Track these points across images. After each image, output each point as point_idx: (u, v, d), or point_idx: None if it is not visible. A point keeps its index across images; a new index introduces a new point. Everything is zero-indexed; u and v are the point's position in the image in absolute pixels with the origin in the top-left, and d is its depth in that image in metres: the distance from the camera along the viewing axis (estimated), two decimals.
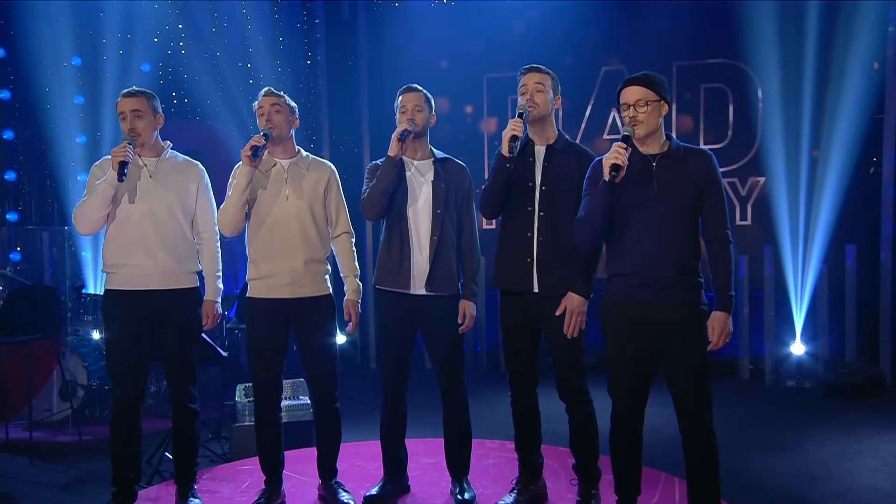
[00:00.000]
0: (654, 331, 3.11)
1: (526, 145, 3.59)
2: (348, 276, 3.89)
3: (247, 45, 8.61)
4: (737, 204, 7.44)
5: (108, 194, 3.59)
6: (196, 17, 8.63)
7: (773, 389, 6.73)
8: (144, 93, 3.71)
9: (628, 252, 3.13)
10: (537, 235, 3.51)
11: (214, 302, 3.86)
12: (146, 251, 3.67)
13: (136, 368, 3.70)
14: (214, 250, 3.88)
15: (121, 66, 8.21)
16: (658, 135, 3.16)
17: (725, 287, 3.10)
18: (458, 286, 3.75)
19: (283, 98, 3.71)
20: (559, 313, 3.46)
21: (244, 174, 3.57)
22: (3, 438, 5.14)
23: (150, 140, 3.71)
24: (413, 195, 3.70)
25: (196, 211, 3.83)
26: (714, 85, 7.46)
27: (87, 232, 3.71)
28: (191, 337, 3.83)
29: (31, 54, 7.89)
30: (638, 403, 3.22)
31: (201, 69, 8.49)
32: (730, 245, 3.14)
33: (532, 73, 3.54)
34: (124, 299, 3.69)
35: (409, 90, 3.73)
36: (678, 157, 3.14)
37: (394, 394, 3.79)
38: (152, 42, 8.47)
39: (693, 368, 3.09)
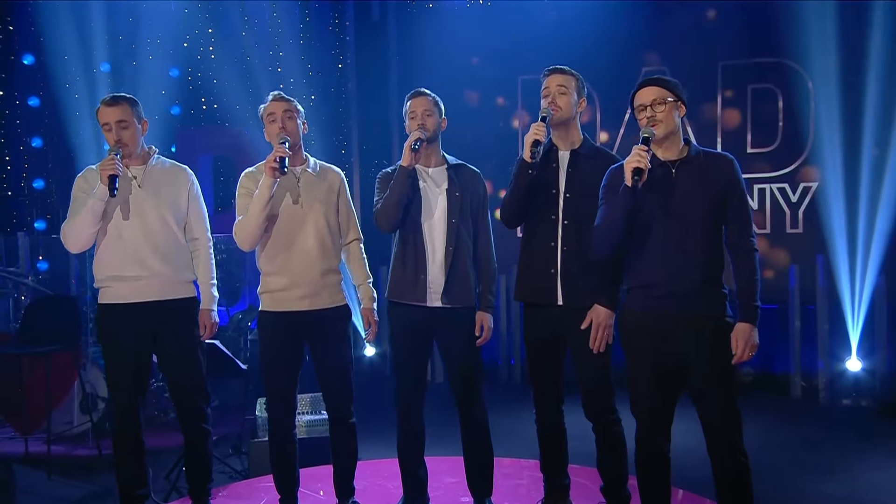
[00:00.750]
0: (676, 345, 3.05)
1: (549, 150, 3.54)
2: (362, 283, 3.87)
3: (277, 48, 8.70)
4: (787, 211, 7.27)
5: (98, 210, 3.56)
6: (226, 20, 8.74)
7: (826, 408, 6.54)
8: (127, 99, 3.68)
9: (649, 263, 3.09)
10: (561, 245, 3.46)
11: (210, 311, 3.83)
12: (141, 262, 3.65)
13: (136, 383, 3.71)
14: (208, 256, 3.86)
15: (150, 71, 8.33)
16: (677, 139, 3.11)
17: (750, 297, 3.03)
18: (474, 297, 3.71)
19: (293, 102, 3.68)
20: (585, 327, 3.40)
21: (268, 186, 3.52)
22: (22, 452, 5.21)
23: (136, 149, 3.69)
24: (427, 204, 3.67)
25: (188, 217, 3.81)
26: (762, 85, 7.31)
27: (77, 249, 3.69)
28: (195, 349, 3.80)
29: (61, 60, 8.05)
30: (663, 422, 3.15)
31: (231, 74, 8.58)
32: (754, 253, 3.08)
33: (555, 74, 3.49)
34: (121, 313, 3.68)
35: (417, 94, 3.70)
36: (698, 162, 3.10)
37: (409, 410, 3.75)
38: (182, 46, 8.60)
39: (719, 384, 3.02)
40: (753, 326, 3.02)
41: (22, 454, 5.19)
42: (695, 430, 3.11)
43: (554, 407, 3.62)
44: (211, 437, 3.89)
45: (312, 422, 4.92)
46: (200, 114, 8.86)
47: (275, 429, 3.76)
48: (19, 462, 5.04)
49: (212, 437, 3.90)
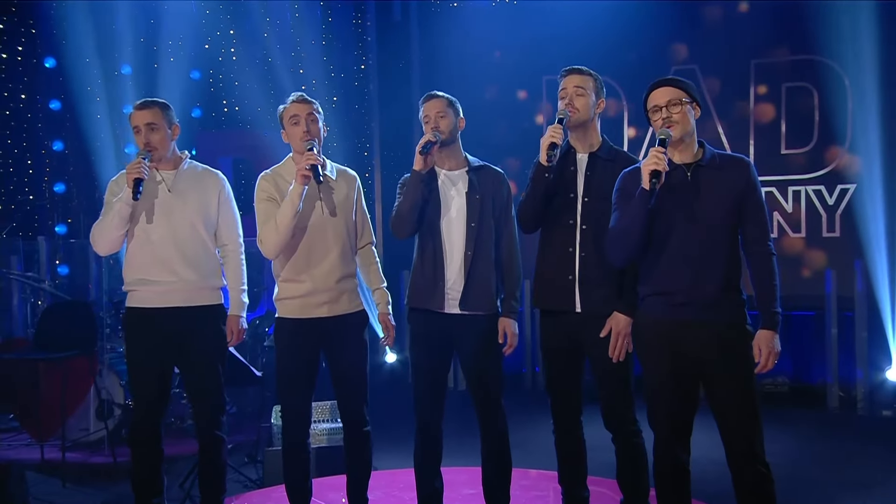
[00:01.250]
0: (694, 353, 3.01)
1: (567, 153, 3.51)
2: (377, 287, 3.86)
3: (299, 48, 8.75)
4: (823, 213, 7.14)
5: (124, 213, 3.61)
6: (247, 21, 8.80)
7: (864, 420, 6.42)
8: (158, 103, 3.73)
9: (667, 269, 3.05)
10: (579, 250, 3.42)
11: (239, 317, 3.86)
12: (168, 267, 3.69)
13: (157, 389, 3.73)
14: (239, 263, 3.88)
15: (171, 73, 8.41)
16: (692, 141, 3.09)
17: (771, 303, 3.01)
18: (496, 304, 3.67)
19: (315, 105, 3.67)
20: (604, 335, 3.35)
21: (298, 194, 3.50)
22: (38, 459, 5.27)
23: (166, 153, 3.72)
24: (446, 208, 3.64)
25: (218, 222, 3.83)
26: (797, 83, 7.18)
27: (106, 252, 3.75)
28: (217, 357, 3.81)
29: (82, 63, 8.16)
30: (681, 433, 3.10)
31: (252, 76, 8.65)
32: (773, 258, 3.05)
33: (572, 74, 3.46)
34: (146, 317, 3.72)
35: (430, 97, 3.67)
36: (714, 165, 3.08)
37: (428, 419, 3.71)
38: (203, 48, 8.67)
39: (739, 394, 2.99)
40: (775, 333, 2.99)
41: (38, 461, 5.25)
42: (715, 440, 3.07)
43: (572, 418, 3.57)
44: (226, 445, 3.90)
45: (332, 430, 4.93)
46: (221, 116, 8.94)
47: (288, 437, 3.75)
48: (34, 469, 5.10)
49: (227, 446, 3.91)
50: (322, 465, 4.74)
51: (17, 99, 8.25)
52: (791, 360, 7.13)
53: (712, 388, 3.03)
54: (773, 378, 7.00)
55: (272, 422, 4.95)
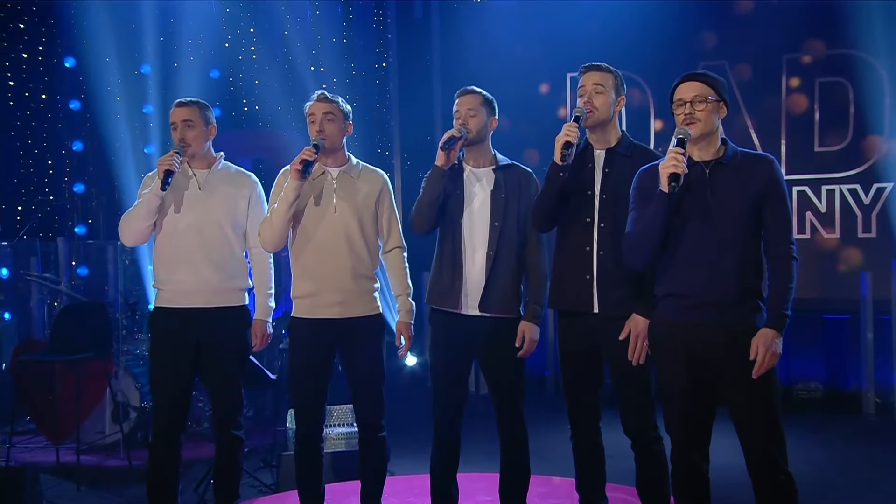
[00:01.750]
0: (709, 357, 2.98)
1: (585, 150, 3.48)
2: (400, 295, 3.84)
3: (319, 46, 8.77)
4: (858, 213, 7.02)
5: (152, 204, 3.68)
6: (268, 19, 8.84)
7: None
8: (197, 103, 3.80)
9: (681, 270, 3.02)
10: (597, 249, 3.38)
11: (265, 322, 3.88)
12: (191, 266, 3.73)
13: (177, 391, 3.76)
14: (267, 267, 3.89)
15: (191, 72, 8.47)
16: (713, 139, 3.05)
17: (779, 304, 2.94)
18: (518, 308, 3.64)
19: (336, 104, 3.66)
20: (623, 337, 3.30)
21: (292, 188, 3.55)
22: (53, 462, 5.32)
23: (200, 150, 3.78)
24: (469, 205, 3.63)
25: (248, 224, 3.86)
26: (831, 79, 7.07)
27: (132, 243, 3.83)
28: (237, 359, 3.85)
29: (102, 63, 8.24)
30: (699, 439, 3.06)
31: (272, 75, 8.69)
32: (793, 262, 2.99)
33: (591, 72, 3.42)
34: (169, 317, 3.77)
35: (464, 93, 3.67)
36: (735, 163, 3.03)
37: (446, 423, 3.69)
38: (223, 47, 8.72)
39: (757, 400, 2.94)
40: (778, 334, 2.92)
41: (53, 464, 5.30)
42: (736, 446, 3.02)
43: (590, 423, 3.52)
44: (242, 447, 3.92)
45: (350, 434, 4.94)
46: (242, 116, 8.99)
47: (300, 440, 3.75)
48: (49, 472, 5.15)
49: (243, 448, 3.93)
50: (340, 469, 4.74)
51: (37, 99, 8.35)
52: (825, 365, 7.01)
53: (729, 394, 2.99)
54: (806, 383, 6.90)
55: (287, 425, 4.96)
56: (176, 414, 3.77)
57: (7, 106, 8.20)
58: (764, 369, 2.90)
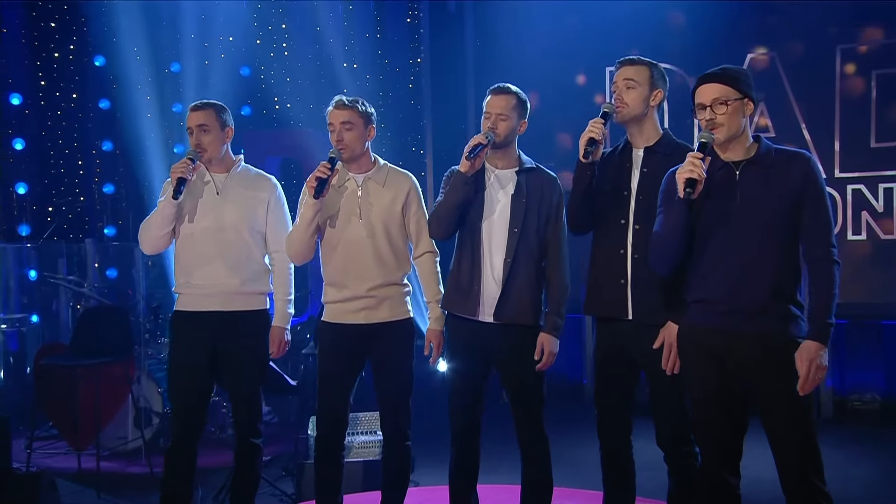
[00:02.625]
0: (739, 367, 2.91)
1: (623, 148, 3.44)
2: (430, 301, 3.83)
3: (352, 42, 8.78)
4: None
5: (167, 212, 3.72)
6: (299, 15, 8.87)
7: None
8: (213, 105, 3.82)
9: (709, 275, 2.97)
10: (632, 252, 3.32)
11: (283, 329, 3.89)
12: (208, 270, 3.77)
13: (194, 396, 3.80)
14: (286, 272, 3.90)
15: (222, 70, 8.55)
16: (743, 138, 2.97)
17: (821, 313, 2.85)
18: (535, 317, 3.60)
19: (356, 110, 3.64)
20: (657, 346, 3.24)
21: (310, 206, 3.57)
22: (74, 468, 5.38)
23: (217, 154, 3.81)
24: (489, 209, 3.61)
25: (267, 228, 3.88)
26: (888, 70, 6.85)
27: (150, 251, 3.89)
28: (256, 365, 3.88)
29: (132, 61, 8.35)
30: (729, 454, 2.99)
31: (304, 72, 8.72)
32: (833, 266, 2.89)
33: (625, 66, 3.38)
34: (187, 321, 3.83)
35: (498, 91, 3.62)
36: (767, 162, 2.94)
37: (463, 431, 3.68)
38: (255, 44, 8.78)
39: (790, 415, 2.86)
40: (822, 346, 2.83)
41: (75, 470, 5.36)
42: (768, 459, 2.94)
43: (620, 435, 3.46)
44: (261, 455, 3.96)
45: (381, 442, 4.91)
46: (273, 114, 9.03)
47: (319, 444, 3.77)
48: (71, 478, 5.21)
49: (262, 456, 3.97)
50: (370, 479, 4.72)
51: (68, 98, 8.48)
52: (884, 375, 6.81)
53: (762, 406, 2.92)
54: (861, 394, 6.72)
55: (309, 433, 4.95)
56: (192, 419, 3.80)
57: (38, 106, 8.34)
58: (810, 386, 2.82)
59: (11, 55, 8.16)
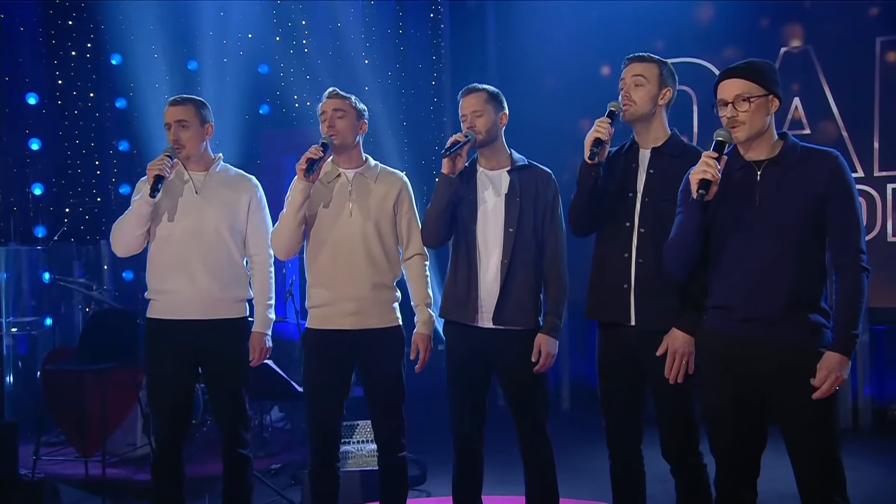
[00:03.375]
0: (758, 377, 2.83)
1: (629, 148, 3.38)
2: (419, 305, 3.76)
3: (374, 38, 8.77)
4: None
5: (143, 211, 3.65)
6: (319, 12, 8.85)
7: None
8: (192, 100, 3.78)
9: (727, 280, 2.89)
10: (636, 256, 3.24)
11: (263, 334, 3.84)
12: (187, 275, 3.70)
13: (177, 407, 3.75)
14: (267, 276, 3.86)
15: (239, 68, 8.56)
16: (766, 136, 2.88)
17: (846, 323, 2.75)
18: (534, 319, 3.56)
19: (349, 101, 3.63)
20: (660, 353, 3.17)
21: (300, 190, 3.51)
22: (81, 475, 5.38)
23: (196, 152, 3.76)
24: (483, 211, 3.57)
25: (247, 231, 3.83)
26: None
27: (124, 253, 3.78)
28: (239, 374, 3.82)
29: (149, 59, 8.40)
30: (746, 468, 2.91)
31: (324, 69, 8.71)
32: (861, 273, 2.78)
33: (633, 63, 3.32)
34: (165, 329, 3.75)
35: (466, 93, 3.61)
36: (791, 161, 2.84)
37: (464, 442, 3.65)
38: (274, 41, 8.79)
39: (810, 429, 2.77)
40: (844, 358, 2.73)
41: (82, 476, 5.37)
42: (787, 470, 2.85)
43: (629, 446, 3.38)
44: (250, 466, 3.89)
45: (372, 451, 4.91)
46: (293, 112, 9.02)
47: (313, 457, 3.71)
48: (77, 485, 5.23)
49: (251, 466, 3.91)
50: (368, 489, 4.67)
51: (85, 98, 8.54)
52: None
53: (780, 421, 2.83)
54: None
55: None
56: (176, 432, 3.75)
57: (55, 105, 8.40)
58: (821, 395, 2.72)
59: (28, 54, 8.22)
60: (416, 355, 3.72)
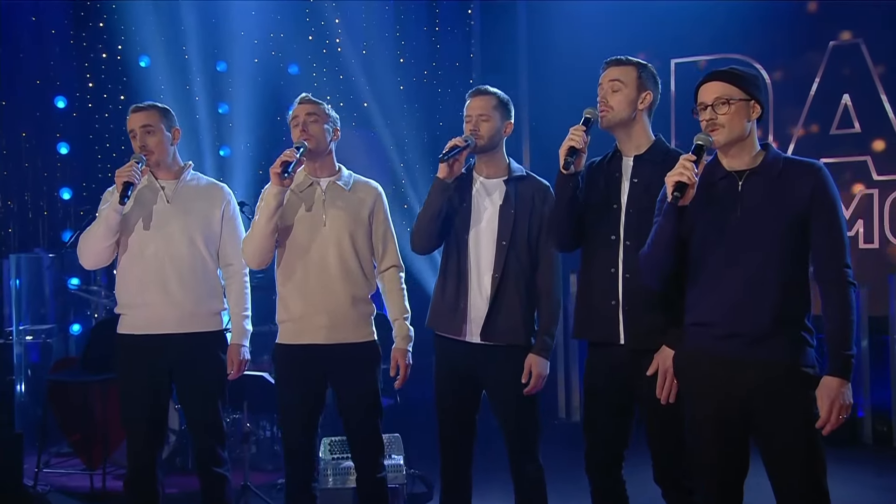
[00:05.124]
0: (739, 398, 2.78)
1: (612, 157, 3.32)
2: (397, 319, 3.76)
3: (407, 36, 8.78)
4: None
5: (112, 221, 3.66)
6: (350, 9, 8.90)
7: None
8: (155, 107, 3.81)
9: (706, 296, 2.85)
10: (623, 271, 3.19)
11: (240, 346, 3.86)
12: (161, 288, 3.72)
13: (151, 424, 3.78)
14: (242, 286, 3.87)
15: (269, 69, 8.65)
16: (747, 145, 2.84)
17: (840, 344, 2.70)
18: (525, 336, 3.51)
19: (321, 106, 3.65)
20: (651, 373, 3.11)
21: (273, 195, 3.52)
22: (86, 488, 5.46)
23: (165, 159, 3.78)
24: (476, 220, 3.54)
25: (222, 240, 3.85)
26: None
27: (92, 265, 3.81)
28: (215, 389, 3.84)
29: (180, 61, 8.54)
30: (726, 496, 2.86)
31: (357, 69, 8.75)
32: (849, 289, 2.73)
33: (610, 67, 3.29)
34: (137, 344, 3.76)
35: (477, 93, 3.58)
36: (773, 172, 2.80)
37: (451, 462, 3.63)
38: (307, 40, 8.87)
39: (795, 453, 2.72)
40: (845, 381, 2.67)
41: (87, 490, 5.45)
42: None
43: (610, 470, 3.33)
44: (227, 484, 3.91)
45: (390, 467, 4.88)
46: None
47: (288, 480, 3.72)
48: (83, 498, 5.31)
49: (229, 485, 3.92)
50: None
51: (115, 100, 8.72)
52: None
53: (761, 443, 2.79)
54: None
55: (320, 456, 4.94)
56: (151, 449, 3.77)
57: (86, 108, 8.58)
58: (830, 428, 2.66)
59: (59, 56, 8.40)
60: (395, 372, 3.71)
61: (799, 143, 6.86)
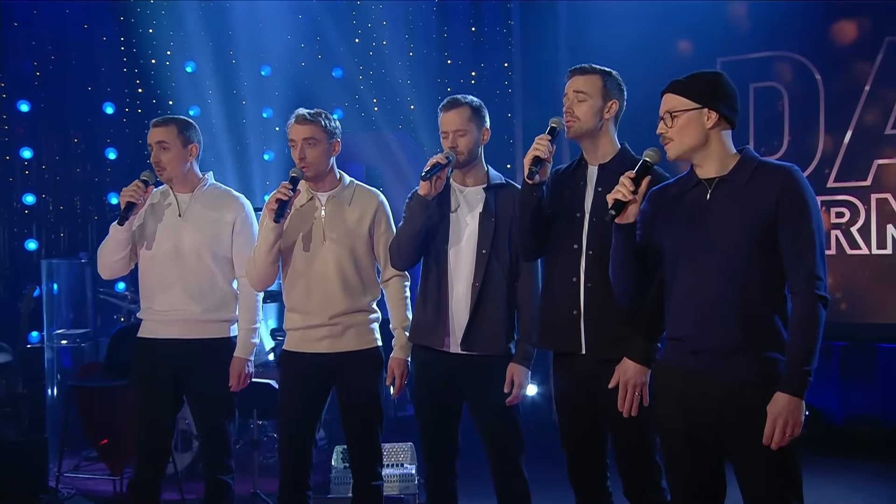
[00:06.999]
0: (709, 413, 2.73)
1: (578, 166, 3.34)
2: (397, 328, 3.81)
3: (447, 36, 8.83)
4: None
5: (118, 237, 3.81)
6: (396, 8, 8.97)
7: None
8: (175, 120, 3.90)
9: (679, 309, 2.82)
10: (585, 280, 3.20)
11: (244, 360, 3.93)
12: (169, 296, 3.85)
13: (158, 427, 3.92)
14: (252, 299, 3.94)
15: (313, 72, 8.80)
16: (713, 153, 2.79)
17: (798, 359, 2.61)
18: (506, 346, 3.54)
19: (318, 124, 3.66)
20: (612, 385, 3.10)
21: (270, 230, 3.60)
22: (110, 493, 5.65)
23: (178, 174, 3.89)
24: (455, 230, 3.57)
25: (234, 252, 3.92)
26: None
27: (108, 276, 4.00)
28: (220, 396, 3.93)
29: (227, 65, 8.75)
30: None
31: (402, 71, 8.84)
32: (816, 303, 2.62)
33: (575, 76, 3.29)
34: (147, 349, 3.93)
35: (448, 107, 3.58)
36: (742, 179, 2.73)
37: (436, 477, 3.68)
38: (353, 43, 8.99)
39: (768, 473, 2.66)
40: (798, 399, 2.58)
41: (109, 495, 5.63)
42: None
43: (594, 482, 3.35)
44: (231, 492, 4.00)
45: (404, 476, 4.99)
46: (372, 117, 9.17)
47: (283, 485, 3.80)
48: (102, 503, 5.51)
49: (232, 493, 4.01)
50: None
51: (164, 106, 8.97)
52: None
53: (734, 461, 2.75)
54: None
55: (333, 464, 5.04)
56: (156, 454, 3.92)
57: (135, 114, 8.85)
58: (776, 445, 2.59)
59: (109, 63, 8.70)
60: (391, 381, 3.76)
61: (852, 142, 6.66)
